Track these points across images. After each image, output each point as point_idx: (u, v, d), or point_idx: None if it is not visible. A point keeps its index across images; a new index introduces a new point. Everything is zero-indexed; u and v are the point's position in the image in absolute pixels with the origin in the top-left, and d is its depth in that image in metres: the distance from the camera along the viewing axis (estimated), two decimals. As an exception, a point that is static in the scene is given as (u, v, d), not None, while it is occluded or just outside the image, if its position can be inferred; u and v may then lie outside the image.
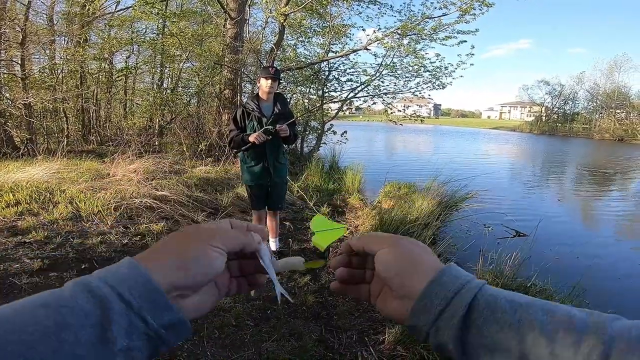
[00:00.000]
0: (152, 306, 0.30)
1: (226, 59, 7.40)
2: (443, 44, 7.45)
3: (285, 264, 0.46)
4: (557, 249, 4.50)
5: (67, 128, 8.79)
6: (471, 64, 7.86)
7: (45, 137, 8.61)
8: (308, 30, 8.83)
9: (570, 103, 50.44)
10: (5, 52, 7.62)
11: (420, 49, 7.96)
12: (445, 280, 0.34)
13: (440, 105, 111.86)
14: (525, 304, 0.32)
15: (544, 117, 51.21)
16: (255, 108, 2.85)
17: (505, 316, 0.31)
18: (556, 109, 50.94)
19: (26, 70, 7.83)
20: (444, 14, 6.99)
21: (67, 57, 8.86)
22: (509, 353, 0.29)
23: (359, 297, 0.44)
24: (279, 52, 7.85)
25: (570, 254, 4.38)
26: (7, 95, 8.03)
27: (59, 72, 9.03)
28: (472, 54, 7.64)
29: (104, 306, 0.28)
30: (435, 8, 7.02)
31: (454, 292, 0.33)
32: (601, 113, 45.18)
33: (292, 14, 7.35)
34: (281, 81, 3.14)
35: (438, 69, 8.22)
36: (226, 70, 7.47)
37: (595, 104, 46.72)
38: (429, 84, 8.49)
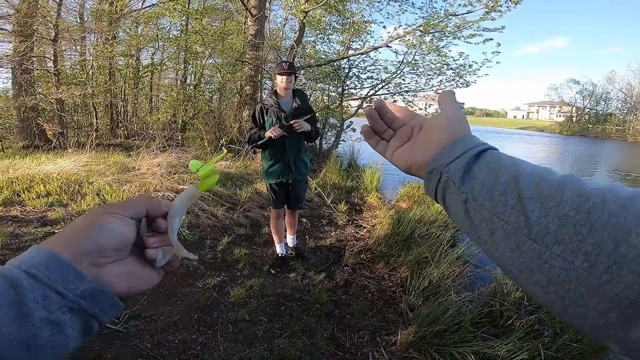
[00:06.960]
0: (61, 277, 0.31)
1: (247, 56, 7.47)
2: (468, 42, 7.23)
3: (181, 202, 0.44)
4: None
5: (96, 122, 9.11)
6: (497, 62, 7.61)
7: (76, 130, 8.99)
8: (327, 27, 8.78)
9: (603, 103, 48.23)
10: (38, 48, 7.96)
11: (443, 47, 7.77)
12: (469, 138, 0.42)
13: (463, 103, 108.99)
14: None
15: (574, 118, 49.18)
16: (273, 104, 2.81)
17: (507, 160, 0.38)
18: (587, 110, 48.81)
19: (58, 66, 8.17)
20: (469, 11, 6.76)
21: (97, 53, 9.18)
22: (505, 173, 0.36)
23: (375, 147, 0.51)
24: (298, 49, 7.85)
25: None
26: (40, 90, 8.41)
27: (88, 68, 9.37)
28: (498, 52, 7.40)
29: (15, 284, 0.29)
30: (460, 5, 6.81)
31: (473, 145, 0.40)
32: (635, 114, 42.97)
33: (312, 11, 7.33)
34: (297, 76, 3.09)
35: (462, 67, 8.01)
36: (247, 67, 7.55)
37: (629, 105, 44.49)
38: (452, 82, 8.28)
